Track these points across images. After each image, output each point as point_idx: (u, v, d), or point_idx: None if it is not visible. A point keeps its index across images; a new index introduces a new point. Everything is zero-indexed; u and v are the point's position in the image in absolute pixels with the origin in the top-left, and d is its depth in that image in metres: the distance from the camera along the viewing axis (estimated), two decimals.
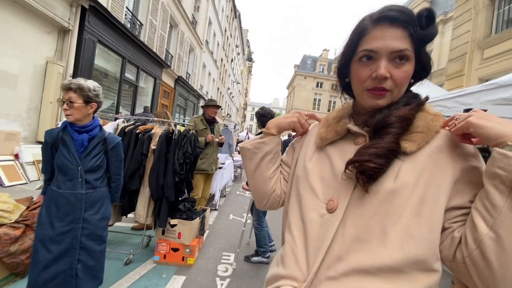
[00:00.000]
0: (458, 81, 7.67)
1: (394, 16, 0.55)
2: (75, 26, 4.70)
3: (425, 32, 0.56)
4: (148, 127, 2.76)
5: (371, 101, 0.59)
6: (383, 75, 0.55)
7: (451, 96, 3.06)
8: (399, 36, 0.55)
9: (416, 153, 0.55)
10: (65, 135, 1.56)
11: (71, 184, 1.56)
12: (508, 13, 6.70)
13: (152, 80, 8.51)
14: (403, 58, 0.56)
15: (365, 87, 0.59)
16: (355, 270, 0.52)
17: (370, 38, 0.57)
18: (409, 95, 0.62)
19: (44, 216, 1.55)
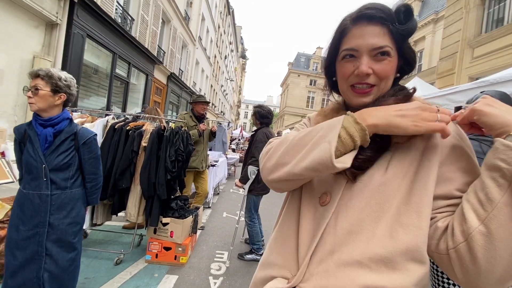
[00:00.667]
0: (449, 79, 7.78)
1: (371, 14, 0.56)
2: (63, 20, 4.56)
3: (404, 27, 0.57)
4: (139, 124, 2.70)
5: (355, 99, 0.61)
6: (364, 72, 0.56)
7: (442, 94, 3.09)
8: (378, 33, 0.56)
9: (405, 143, 0.55)
10: (30, 129, 1.44)
11: (35, 183, 1.43)
12: (498, 13, 6.82)
13: (144, 77, 8.37)
14: (384, 53, 0.57)
15: (349, 82, 0.61)
16: (347, 263, 0.51)
17: (351, 37, 0.58)
18: (395, 88, 0.62)
19: (11, 218, 1.45)
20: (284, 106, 36.57)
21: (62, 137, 1.47)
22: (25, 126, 1.47)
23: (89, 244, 2.86)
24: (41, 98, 1.40)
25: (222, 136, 7.58)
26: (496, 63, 6.31)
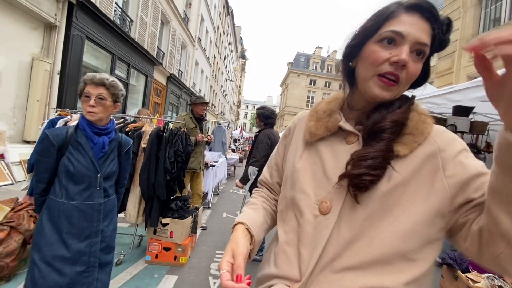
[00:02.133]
0: (447, 78, 7.81)
1: (427, 8, 0.53)
2: (62, 22, 4.58)
3: (444, 38, 0.55)
4: (138, 125, 2.72)
5: (377, 90, 0.55)
6: (406, 60, 0.52)
7: (441, 93, 3.10)
8: (427, 30, 0.53)
9: (408, 156, 0.54)
10: (80, 137, 1.35)
11: (87, 193, 1.36)
12: (495, 12, 6.85)
13: (143, 78, 8.38)
14: (420, 53, 0.54)
15: (378, 71, 0.55)
16: (346, 268, 0.53)
17: (399, 22, 0.53)
18: (402, 98, 0.60)
19: (50, 234, 1.31)
20: (284, 106, 36.60)
21: (112, 145, 1.47)
22: (66, 133, 1.36)
23: None
24: (105, 108, 1.37)
25: (222, 136, 7.59)
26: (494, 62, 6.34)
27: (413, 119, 0.57)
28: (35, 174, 1.42)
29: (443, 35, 0.55)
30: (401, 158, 0.54)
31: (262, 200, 0.77)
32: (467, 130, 3.79)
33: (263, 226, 0.69)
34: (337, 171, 0.58)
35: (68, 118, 2.74)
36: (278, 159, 0.77)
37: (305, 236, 0.58)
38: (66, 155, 1.34)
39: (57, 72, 4.57)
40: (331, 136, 0.64)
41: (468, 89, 2.71)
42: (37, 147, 1.41)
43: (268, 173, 0.81)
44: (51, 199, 1.35)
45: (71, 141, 1.34)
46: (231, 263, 0.53)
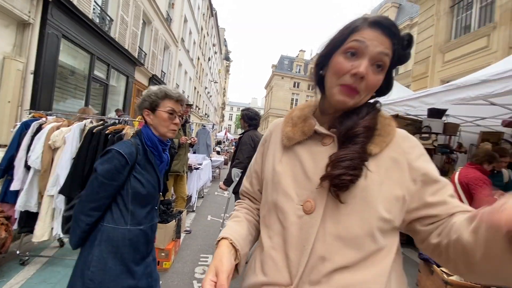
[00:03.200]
0: (423, 82, 8.19)
1: (387, 26, 0.58)
2: (36, 19, 4.36)
3: (404, 53, 0.60)
4: (119, 128, 2.64)
5: (340, 97, 0.60)
6: (363, 73, 0.56)
7: (416, 96, 3.25)
8: (387, 44, 0.58)
9: (379, 154, 0.60)
10: (150, 154, 1.26)
11: (151, 216, 1.28)
12: (465, 20, 7.28)
13: (124, 79, 8.14)
14: (380, 66, 0.59)
15: (340, 81, 0.60)
16: (337, 269, 0.55)
17: (363, 34, 0.58)
18: (369, 104, 0.66)
19: (115, 267, 1.16)
20: (269, 108, 36.84)
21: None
22: (138, 147, 1.24)
23: (66, 253, 2.75)
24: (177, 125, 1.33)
25: (206, 138, 7.52)
26: (464, 67, 6.73)
27: (380, 122, 0.64)
28: (91, 201, 1.15)
29: (403, 50, 0.60)
30: (374, 157, 0.60)
31: (245, 211, 0.77)
32: (441, 131, 4.01)
33: (248, 238, 0.69)
34: (317, 172, 0.60)
35: (43, 120, 2.62)
36: (256, 167, 0.79)
37: (291, 238, 0.59)
38: (133, 175, 1.20)
39: (30, 72, 4.34)
40: (307, 139, 0.66)
41: (440, 93, 2.86)
42: (103, 169, 1.15)
43: (248, 182, 0.81)
44: (110, 228, 1.18)
45: (138, 159, 1.22)
46: (214, 281, 0.53)
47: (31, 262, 2.47)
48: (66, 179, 2.31)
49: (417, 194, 0.58)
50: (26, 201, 2.33)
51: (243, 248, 0.64)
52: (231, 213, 0.78)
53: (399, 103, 3.47)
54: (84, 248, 1.21)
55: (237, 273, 0.62)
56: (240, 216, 0.74)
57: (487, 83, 2.43)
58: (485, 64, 5.83)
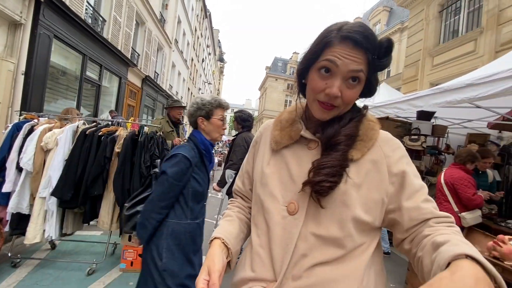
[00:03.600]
0: (412, 85, 8.37)
1: (358, 40, 0.57)
2: (28, 20, 4.31)
3: (380, 63, 0.61)
4: (112, 129, 2.64)
5: (319, 113, 0.64)
6: (335, 94, 0.59)
7: (405, 99, 3.34)
8: (359, 59, 0.58)
9: (360, 159, 0.62)
10: (204, 157, 1.44)
11: (203, 210, 1.50)
12: (453, 25, 7.49)
13: (117, 80, 8.07)
14: (356, 79, 0.60)
15: (317, 98, 0.63)
16: (316, 265, 0.59)
17: (334, 52, 0.59)
18: (353, 110, 0.68)
19: (180, 257, 1.35)
20: (263, 110, 36.93)
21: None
22: (196, 150, 1.41)
23: (58, 255, 2.73)
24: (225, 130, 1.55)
25: None
26: (452, 70, 6.91)
27: (364, 127, 0.66)
28: (162, 200, 1.32)
29: (379, 60, 0.60)
30: (355, 162, 0.62)
31: (237, 210, 0.81)
32: (429, 133, 4.11)
33: (239, 236, 0.73)
34: (301, 175, 0.64)
35: (35, 121, 2.60)
36: (248, 168, 0.82)
37: (275, 237, 0.63)
38: (192, 176, 1.37)
39: (21, 72, 4.29)
40: (294, 143, 0.70)
41: (428, 96, 2.95)
42: (173, 171, 1.30)
43: (241, 182, 0.84)
44: (174, 223, 1.35)
45: (195, 161, 1.38)
46: (207, 280, 0.56)
47: (22, 265, 2.45)
48: (58, 181, 2.30)
49: (394, 196, 0.61)
50: (18, 203, 2.31)
51: (234, 246, 0.68)
52: (223, 212, 0.82)
53: (389, 105, 3.56)
54: (151, 242, 1.34)
55: (229, 268, 0.66)
56: (232, 215, 0.78)
57: (472, 86, 2.52)
58: (473, 67, 6.01)
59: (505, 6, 5.87)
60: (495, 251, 1.93)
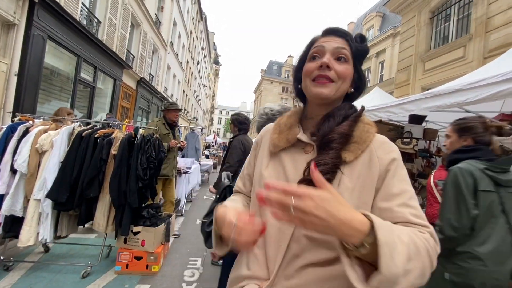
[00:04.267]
0: (405, 89, 8.54)
1: (335, 30, 0.72)
2: (21, 20, 4.28)
3: (360, 45, 0.70)
4: (108, 131, 2.64)
5: (316, 89, 0.68)
6: (326, 62, 0.66)
7: (398, 103, 3.42)
8: (340, 41, 0.70)
9: (354, 161, 0.64)
10: None
11: None
12: (444, 31, 7.69)
13: (111, 81, 8.03)
14: (341, 58, 0.68)
15: (311, 77, 0.69)
16: (307, 265, 0.60)
17: (320, 41, 0.71)
18: (346, 106, 0.71)
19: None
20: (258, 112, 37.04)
21: None
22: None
23: (52, 258, 2.70)
24: None
25: (195, 142, 7.51)
26: (443, 76, 7.09)
27: (358, 129, 0.67)
28: None
29: (360, 43, 0.71)
30: (348, 164, 0.64)
31: (242, 198, 0.83)
32: (421, 137, 4.21)
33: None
34: (297, 177, 0.66)
35: (30, 123, 2.59)
36: (249, 170, 0.84)
37: (269, 238, 0.65)
38: None
39: (14, 73, 4.24)
40: (291, 147, 0.72)
41: (419, 100, 3.03)
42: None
43: (242, 183, 0.86)
44: None
45: None
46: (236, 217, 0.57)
47: (15, 268, 2.42)
48: (53, 183, 2.29)
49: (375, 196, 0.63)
50: (12, 205, 2.28)
51: None
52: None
53: (382, 109, 3.64)
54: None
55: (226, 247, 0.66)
56: (237, 200, 0.81)
57: (461, 92, 2.61)
58: (462, 73, 6.18)
59: (493, 14, 6.07)
60: None
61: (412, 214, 0.57)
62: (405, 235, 0.48)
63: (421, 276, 0.48)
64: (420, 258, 0.48)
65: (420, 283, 0.48)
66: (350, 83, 0.70)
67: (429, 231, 0.55)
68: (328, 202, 0.44)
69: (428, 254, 0.50)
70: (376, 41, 15.40)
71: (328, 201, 0.44)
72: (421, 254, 0.48)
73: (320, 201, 0.43)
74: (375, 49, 15.51)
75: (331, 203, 0.44)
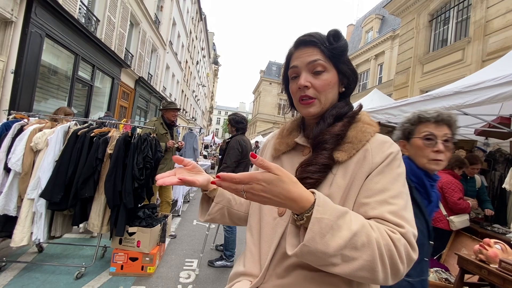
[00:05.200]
0: (404, 91, 8.56)
1: (305, 40, 0.69)
2: (19, 17, 4.24)
3: (333, 46, 0.67)
4: (104, 130, 2.61)
5: (304, 110, 0.71)
6: (302, 84, 0.67)
7: (396, 105, 3.42)
8: (312, 52, 0.68)
9: (347, 161, 0.63)
10: (415, 193, 1.02)
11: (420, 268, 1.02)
12: (443, 34, 7.72)
13: (109, 80, 7.99)
14: (319, 71, 0.67)
15: (296, 97, 0.71)
16: (296, 266, 0.61)
17: (293, 60, 0.71)
18: (340, 105, 0.71)
19: None
20: (257, 113, 37.02)
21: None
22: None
23: (45, 258, 2.66)
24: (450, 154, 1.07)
25: (193, 142, 7.47)
26: (441, 78, 7.11)
27: (354, 129, 0.67)
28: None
29: (332, 46, 0.67)
30: (342, 164, 0.63)
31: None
32: None
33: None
34: None
35: (25, 121, 2.55)
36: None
37: (265, 236, 0.69)
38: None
39: (11, 71, 4.20)
40: (292, 150, 0.75)
41: (418, 102, 3.02)
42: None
43: None
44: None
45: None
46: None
47: (8, 268, 2.38)
48: (48, 182, 2.26)
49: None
50: (5, 205, 2.25)
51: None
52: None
53: (381, 111, 3.63)
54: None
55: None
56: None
57: (460, 94, 2.61)
58: (460, 76, 6.20)
59: (491, 17, 6.09)
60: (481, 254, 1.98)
61: (390, 212, 0.55)
62: (357, 225, 0.49)
63: (368, 270, 0.48)
64: (368, 252, 0.47)
65: (370, 278, 0.49)
66: (336, 87, 0.71)
67: (403, 232, 0.52)
68: (273, 184, 0.47)
69: (386, 253, 0.49)
70: (375, 43, 15.43)
71: (273, 183, 0.48)
72: (370, 248, 0.48)
73: (266, 183, 0.47)
74: (374, 51, 15.55)
75: (276, 184, 0.48)
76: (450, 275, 2.50)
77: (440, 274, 2.50)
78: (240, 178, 0.48)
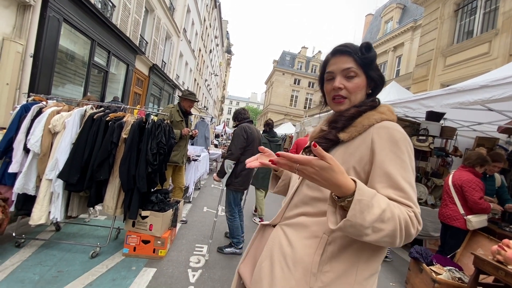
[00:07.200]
0: (423, 85, 8.23)
1: (341, 49, 0.85)
2: (37, 1, 4.28)
3: (365, 56, 0.82)
4: (119, 115, 2.64)
5: (335, 107, 0.88)
6: (337, 86, 0.84)
7: (416, 99, 3.28)
8: (346, 60, 0.83)
9: (350, 141, 0.79)
10: None
11: None
12: (468, 25, 7.30)
13: (124, 67, 8.06)
14: (351, 75, 0.83)
15: (330, 96, 0.88)
16: (300, 214, 0.82)
17: (330, 65, 0.87)
18: (367, 101, 0.85)
19: None
20: (268, 104, 36.72)
21: None
22: None
23: (62, 237, 2.77)
24: None
25: (205, 131, 7.51)
26: (465, 72, 6.77)
27: (366, 116, 0.79)
28: None
29: (364, 56, 0.82)
30: (345, 143, 0.80)
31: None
32: (437, 135, 4.05)
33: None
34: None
35: (43, 104, 2.61)
36: None
37: (290, 191, 0.90)
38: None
39: (30, 54, 4.29)
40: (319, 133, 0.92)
41: (440, 96, 2.89)
42: None
43: None
44: None
45: None
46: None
47: (26, 245, 2.49)
48: (65, 164, 2.32)
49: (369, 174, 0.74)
50: (24, 184, 2.33)
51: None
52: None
53: (399, 104, 3.50)
54: None
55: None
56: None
57: (487, 88, 2.47)
58: (485, 70, 5.87)
59: None
60: (499, 255, 1.91)
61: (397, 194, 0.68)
62: (384, 204, 0.61)
63: (391, 237, 0.61)
64: (392, 224, 0.60)
65: (390, 242, 0.62)
66: (364, 89, 0.85)
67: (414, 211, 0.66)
68: (324, 170, 0.58)
69: (404, 225, 0.62)
70: (394, 34, 14.80)
71: (325, 170, 0.58)
72: (394, 221, 0.60)
73: (319, 169, 0.58)
74: (393, 42, 14.93)
75: (327, 171, 0.58)
76: (464, 275, 2.44)
77: (453, 273, 2.44)
78: (297, 159, 0.59)
